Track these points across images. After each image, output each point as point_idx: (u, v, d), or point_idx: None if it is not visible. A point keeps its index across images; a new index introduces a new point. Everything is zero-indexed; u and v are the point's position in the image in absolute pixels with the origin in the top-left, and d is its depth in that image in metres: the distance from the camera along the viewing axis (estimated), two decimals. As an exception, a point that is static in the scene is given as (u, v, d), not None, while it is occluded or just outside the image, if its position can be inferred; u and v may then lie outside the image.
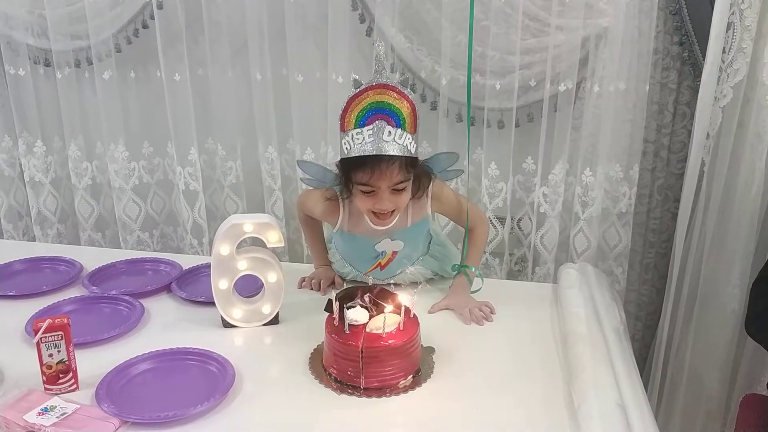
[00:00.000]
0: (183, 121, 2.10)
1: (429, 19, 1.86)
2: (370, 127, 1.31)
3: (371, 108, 1.31)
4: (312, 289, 1.62)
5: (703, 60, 1.66)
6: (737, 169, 1.68)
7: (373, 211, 1.41)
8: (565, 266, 1.70)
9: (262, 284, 1.44)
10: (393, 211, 1.42)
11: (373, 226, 1.48)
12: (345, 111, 1.35)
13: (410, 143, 1.33)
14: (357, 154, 1.32)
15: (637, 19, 1.71)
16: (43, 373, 1.17)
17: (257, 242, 1.43)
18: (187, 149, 2.12)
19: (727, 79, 1.62)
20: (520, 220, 2.03)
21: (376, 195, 1.37)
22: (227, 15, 1.98)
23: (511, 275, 2.07)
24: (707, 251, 1.76)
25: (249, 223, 1.39)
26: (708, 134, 1.67)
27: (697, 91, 1.71)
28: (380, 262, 1.55)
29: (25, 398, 1.14)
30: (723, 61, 1.61)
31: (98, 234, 2.32)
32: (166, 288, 1.62)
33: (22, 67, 2.14)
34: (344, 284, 1.63)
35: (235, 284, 1.42)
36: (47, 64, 2.16)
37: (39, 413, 1.10)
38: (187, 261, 1.76)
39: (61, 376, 1.18)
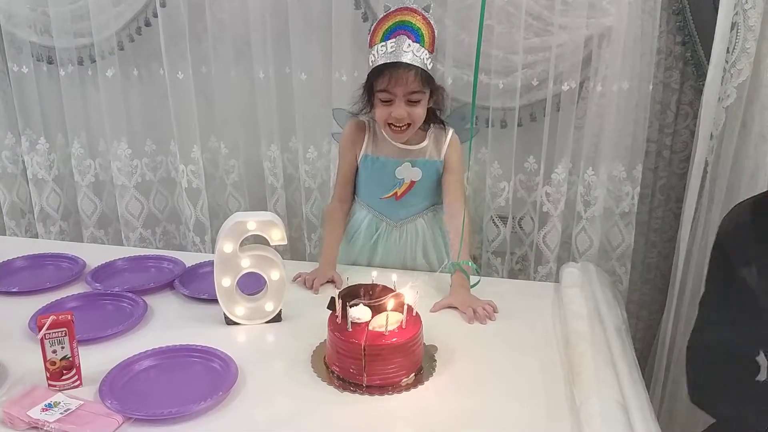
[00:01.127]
0: (186, 119, 2.10)
1: (432, 18, 1.86)
2: (394, 40, 1.49)
3: (397, 25, 1.50)
4: (305, 285, 1.62)
5: (706, 60, 1.66)
6: (740, 170, 1.68)
7: (389, 123, 1.54)
8: (567, 265, 1.70)
9: (265, 282, 1.44)
10: (409, 126, 1.55)
11: (393, 143, 1.61)
12: (375, 28, 1.53)
13: (427, 59, 1.50)
14: (380, 62, 1.48)
15: (640, 19, 1.71)
16: (46, 369, 1.18)
17: (260, 240, 1.43)
18: (189, 147, 2.13)
19: (730, 80, 1.62)
20: (521, 219, 2.03)
21: (392, 104, 1.51)
22: (230, 13, 1.99)
23: (512, 274, 2.07)
24: (710, 252, 1.76)
25: (252, 221, 1.39)
26: (711, 134, 1.67)
27: (699, 91, 1.71)
28: (396, 191, 1.65)
29: (29, 394, 1.14)
30: (727, 62, 1.61)
31: (101, 231, 2.32)
32: (169, 285, 1.62)
33: (25, 64, 2.14)
34: (346, 282, 1.63)
35: (238, 282, 1.42)
36: (50, 62, 2.16)
37: (43, 409, 1.10)
38: (189, 258, 1.76)
39: (64, 372, 1.18)
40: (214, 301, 1.44)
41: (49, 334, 1.16)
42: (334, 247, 1.70)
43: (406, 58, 1.47)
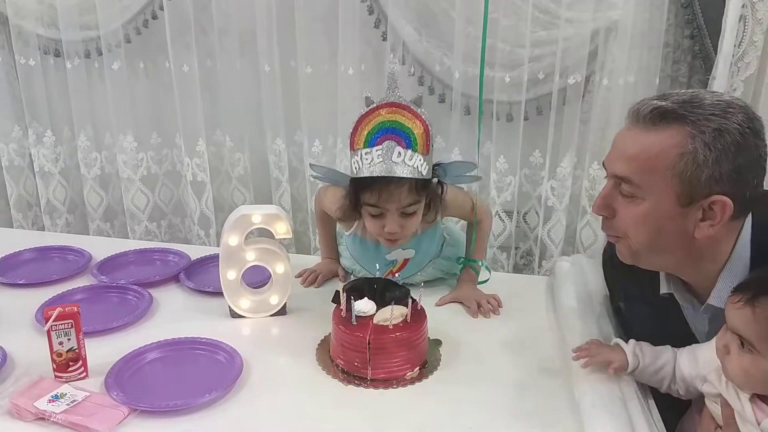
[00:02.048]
0: (191, 112, 2.11)
1: (438, 11, 1.86)
2: (380, 147, 1.26)
3: (382, 127, 1.27)
4: (308, 282, 1.60)
5: (715, 53, 1.65)
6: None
7: (381, 236, 1.38)
8: (559, 259, 1.70)
9: (270, 275, 1.44)
10: (403, 236, 1.38)
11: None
12: (355, 129, 1.30)
13: (421, 165, 1.28)
14: (365, 175, 1.28)
15: (647, 12, 1.70)
16: (53, 360, 1.18)
17: (265, 233, 1.44)
18: (195, 140, 2.13)
19: (738, 73, 1.61)
20: (526, 213, 2.03)
21: (384, 217, 1.33)
22: (236, 6, 1.99)
23: (517, 269, 2.07)
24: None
25: (257, 214, 1.39)
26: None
27: (707, 84, 1.70)
28: (392, 270, 1.53)
29: (36, 385, 1.15)
30: (734, 55, 1.60)
31: (107, 224, 2.33)
32: (175, 278, 1.63)
33: (32, 57, 2.15)
34: (350, 276, 1.63)
35: (243, 275, 1.43)
36: (57, 55, 2.17)
37: (49, 400, 1.11)
38: (195, 251, 1.76)
39: (71, 364, 1.19)
40: (219, 294, 1.44)
41: (56, 325, 1.17)
42: (332, 240, 1.67)
43: (398, 172, 1.25)
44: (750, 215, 1.04)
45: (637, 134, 1.02)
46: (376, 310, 1.24)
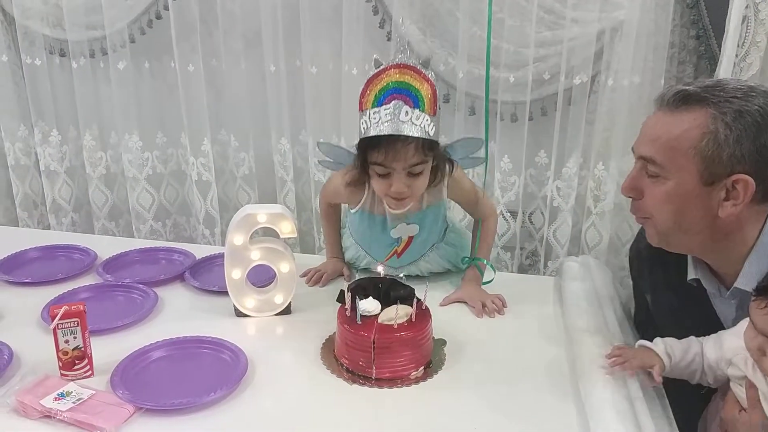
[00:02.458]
0: (196, 111, 2.11)
1: (443, 11, 1.85)
2: (388, 106, 1.28)
3: (390, 87, 1.29)
4: (313, 282, 1.60)
5: (720, 54, 1.64)
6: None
7: (389, 195, 1.39)
8: (567, 259, 1.70)
9: (275, 274, 1.44)
10: (410, 197, 1.39)
11: (390, 210, 1.47)
12: (364, 90, 1.33)
13: (428, 125, 1.29)
14: (373, 134, 1.29)
15: (653, 13, 1.70)
16: (59, 359, 1.19)
17: (269, 233, 1.44)
18: (200, 140, 2.13)
19: (740, 73, 1.61)
20: (531, 214, 2.02)
21: (391, 177, 1.34)
22: (241, 6, 1.99)
23: (522, 269, 2.07)
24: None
25: (263, 214, 1.39)
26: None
27: (712, 85, 1.69)
28: (396, 250, 1.55)
29: (42, 383, 1.15)
30: (737, 55, 1.60)
31: (112, 223, 2.34)
32: (180, 277, 1.63)
33: (38, 56, 2.16)
34: (356, 275, 1.63)
35: (247, 274, 1.43)
36: (63, 54, 2.17)
37: (55, 398, 1.11)
38: (200, 251, 1.77)
39: (76, 362, 1.19)
40: (224, 293, 1.45)
41: (62, 324, 1.18)
42: (337, 239, 1.68)
43: (405, 130, 1.27)
44: None
45: (662, 117, 1.08)
46: (381, 310, 1.24)
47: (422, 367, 1.23)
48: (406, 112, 1.27)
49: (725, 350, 1.05)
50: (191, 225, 2.32)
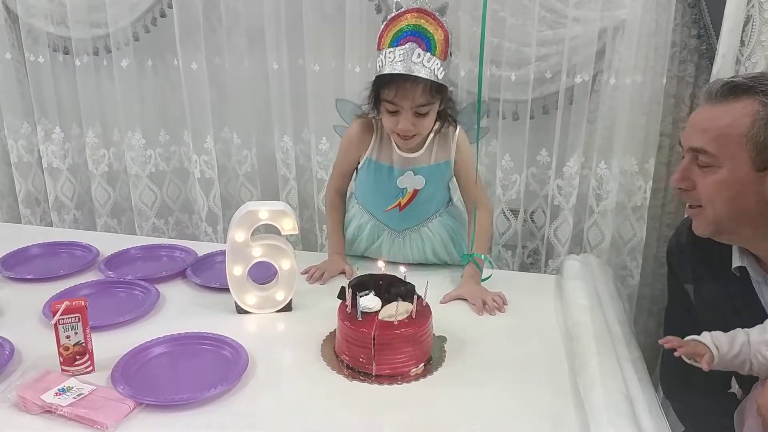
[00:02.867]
0: (199, 109, 2.11)
1: (446, 10, 1.85)
2: (403, 47, 1.37)
3: (407, 30, 1.38)
4: (314, 278, 1.61)
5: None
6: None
7: (396, 132, 1.47)
8: (568, 257, 1.70)
9: (276, 271, 1.45)
10: (416, 135, 1.48)
11: (398, 152, 1.54)
12: (383, 30, 1.42)
13: (438, 68, 1.38)
14: (387, 71, 1.38)
15: (654, 12, 1.70)
16: (60, 354, 1.19)
17: (271, 230, 1.44)
18: (203, 138, 2.14)
19: (745, 72, 1.60)
20: (533, 212, 2.02)
21: (399, 114, 1.43)
22: (244, 4, 1.99)
23: (524, 268, 2.07)
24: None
25: (264, 210, 1.40)
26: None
27: (714, 84, 1.69)
28: (400, 201, 1.59)
29: (43, 379, 1.16)
30: (742, 54, 1.60)
31: (114, 220, 2.34)
32: (181, 274, 1.64)
33: (41, 54, 2.16)
34: (356, 272, 1.63)
35: (249, 271, 1.43)
36: (66, 52, 2.17)
37: (56, 393, 1.12)
38: (201, 248, 1.77)
39: (77, 357, 1.20)
40: (226, 289, 1.45)
41: (63, 319, 1.18)
42: (340, 236, 1.69)
43: (415, 71, 1.36)
44: None
45: (710, 108, 1.10)
46: (382, 306, 1.25)
47: (422, 364, 1.24)
48: (419, 54, 1.37)
49: (767, 335, 1.05)
50: (194, 222, 2.32)
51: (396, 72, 1.37)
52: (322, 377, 1.22)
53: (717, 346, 1.09)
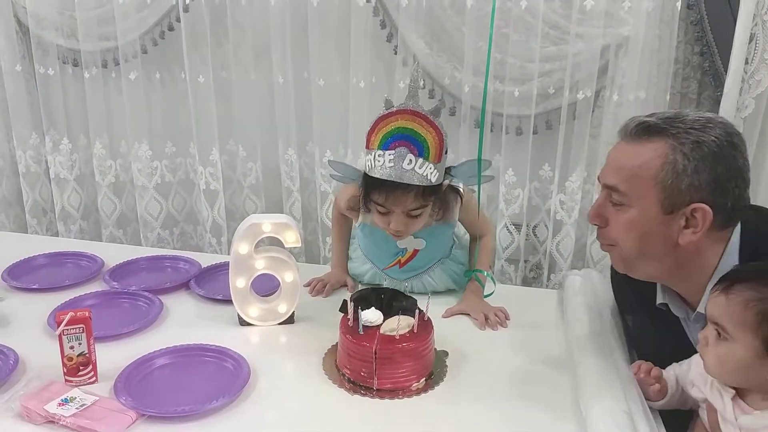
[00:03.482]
0: (205, 122, 2.13)
1: (450, 26, 1.87)
2: (393, 152, 1.30)
3: (396, 132, 1.30)
4: (316, 291, 1.61)
5: (725, 70, 1.65)
6: (758, 180, 1.67)
7: (388, 231, 1.43)
8: (569, 272, 1.70)
9: (279, 284, 1.45)
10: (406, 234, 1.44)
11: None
12: (372, 130, 1.35)
13: (431, 173, 1.32)
14: (376, 175, 1.32)
15: (657, 29, 1.71)
16: (64, 364, 1.20)
17: (275, 242, 1.45)
18: (208, 150, 2.16)
19: (749, 90, 1.61)
20: (536, 226, 2.03)
21: (390, 216, 1.39)
22: (251, 19, 2.01)
23: (526, 282, 2.07)
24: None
25: (268, 223, 1.41)
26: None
27: (717, 101, 1.70)
28: (400, 260, 1.56)
29: (46, 389, 1.17)
30: (745, 72, 1.60)
31: (120, 231, 2.36)
32: (185, 285, 1.64)
33: (51, 66, 2.19)
34: (358, 286, 1.64)
35: (252, 283, 1.44)
36: (75, 64, 2.21)
37: (59, 404, 1.12)
38: (205, 259, 1.78)
39: (81, 368, 1.20)
40: (229, 301, 1.46)
41: (67, 330, 1.19)
42: (344, 249, 1.70)
43: (406, 178, 1.30)
44: (738, 226, 1.09)
45: (625, 147, 1.11)
46: (383, 320, 1.25)
47: (424, 379, 1.23)
48: (410, 160, 1.30)
49: (692, 372, 1.08)
50: (198, 233, 2.34)
51: (386, 178, 1.31)
52: (324, 391, 1.22)
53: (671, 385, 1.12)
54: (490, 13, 1.46)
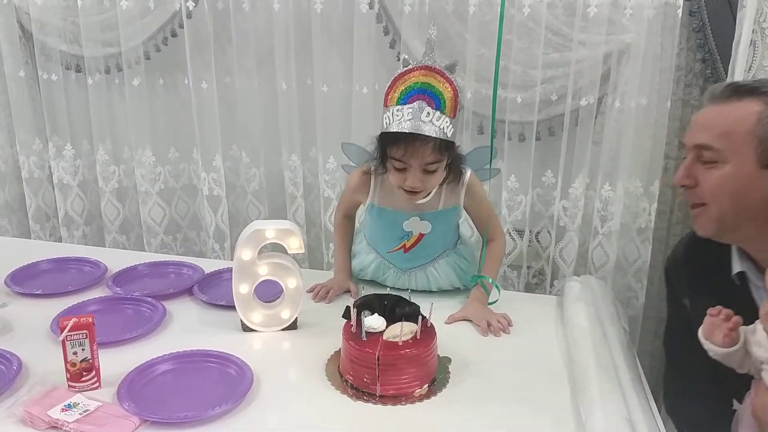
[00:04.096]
0: (209, 128, 2.14)
1: (453, 33, 1.88)
2: (411, 105, 1.34)
3: (415, 87, 1.35)
4: (319, 297, 1.61)
5: (726, 77, 1.65)
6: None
7: (403, 188, 1.45)
8: (569, 279, 1.70)
9: (282, 289, 1.46)
10: (422, 191, 1.46)
11: (400, 197, 1.51)
12: (390, 87, 1.39)
13: (447, 126, 1.36)
14: (395, 130, 1.35)
15: (659, 36, 1.72)
16: (67, 370, 1.20)
17: (278, 248, 1.45)
18: (212, 155, 2.16)
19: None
20: (538, 233, 2.03)
21: (407, 171, 1.41)
22: (254, 25, 2.02)
23: (529, 288, 2.07)
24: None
25: (271, 229, 1.41)
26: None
27: (719, 108, 1.70)
28: (405, 244, 1.58)
29: (50, 394, 1.17)
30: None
31: (123, 236, 2.36)
32: (188, 291, 1.65)
33: (54, 72, 2.20)
34: (362, 292, 1.64)
35: (255, 289, 1.44)
36: (79, 70, 2.21)
37: (62, 409, 1.13)
38: (209, 265, 1.79)
39: (84, 374, 1.21)
40: (232, 307, 1.46)
41: (71, 336, 1.19)
42: (347, 255, 1.71)
43: (424, 130, 1.33)
44: None
45: (714, 108, 1.13)
46: (386, 327, 1.25)
47: (426, 385, 1.24)
48: (428, 113, 1.34)
49: (758, 332, 1.05)
50: (201, 239, 2.34)
51: (405, 131, 1.34)
52: (327, 397, 1.22)
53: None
54: (494, 20, 1.46)
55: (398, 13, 1.89)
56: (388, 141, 1.40)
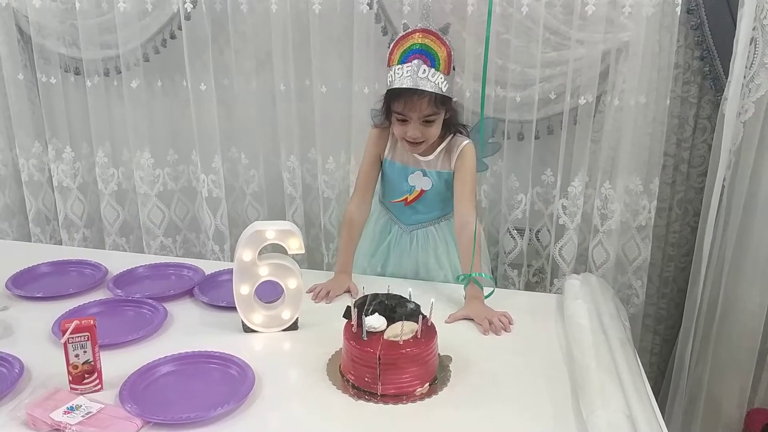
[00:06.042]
0: (207, 129, 2.14)
1: (451, 32, 1.87)
2: (410, 64, 1.51)
3: (414, 48, 1.52)
4: (320, 297, 1.62)
5: (725, 75, 1.66)
6: (758, 184, 1.68)
7: (405, 139, 1.59)
8: (569, 277, 1.70)
9: (283, 290, 1.46)
10: (423, 142, 1.59)
11: (408, 154, 1.66)
12: (393, 48, 1.57)
13: (442, 82, 1.52)
14: (396, 86, 1.52)
15: (658, 34, 1.72)
16: (69, 372, 1.20)
17: (278, 249, 1.46)
18: (210, 157, 2.16)
19: (749, 94, 1.62)
20: (538, 231, 2.03)
21: (408, 124, 1.56)
22: (253, 27, 2.02)
23: (529, 287, 2.07)
24: (727, 267, 1.75)
25: (271, 230, 1.41)
26: (729, 149, 1.66)
27: (717, 105, 1.71)
28: (407, 197, 1.71)
29: (52, 397, 1.17)
30: (745, 77, 1.61)
31: (122, 239, 2.36)
32: (189, 292, 1.65)
33: (53, 75, 2.20)
34: (362, 292, 1.64)
35: (256, 290, 1.45)
36: (77, 73, 2.21)
37: (65, 412, 1.13)
38: (209, 266, 1.79)
39: (86, 376, 1.21)
40: (233, 308, 1.46)
41: (72, 338, 1.19)
42: (350, 255, 1.72)
43: (421, 85, 1.50)
44: None
45: None
46: (387, 326, 1.25)
47: (427, 384, 1.24)
48: (424, 70, 1.51)
49: None
50: (201, 241, 2.34)
51: (404, 86, 1.51)
52: (328, 396, 1.22)
53: None
54: (493, 20, 1.48)
55: (397, 13, 1.89)
56: (391, 97, 1.56)
